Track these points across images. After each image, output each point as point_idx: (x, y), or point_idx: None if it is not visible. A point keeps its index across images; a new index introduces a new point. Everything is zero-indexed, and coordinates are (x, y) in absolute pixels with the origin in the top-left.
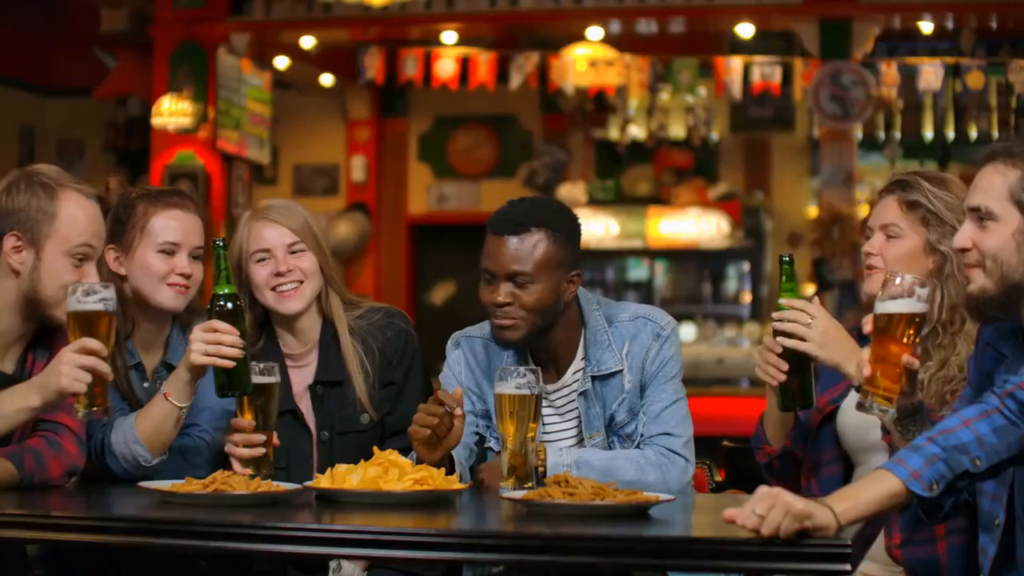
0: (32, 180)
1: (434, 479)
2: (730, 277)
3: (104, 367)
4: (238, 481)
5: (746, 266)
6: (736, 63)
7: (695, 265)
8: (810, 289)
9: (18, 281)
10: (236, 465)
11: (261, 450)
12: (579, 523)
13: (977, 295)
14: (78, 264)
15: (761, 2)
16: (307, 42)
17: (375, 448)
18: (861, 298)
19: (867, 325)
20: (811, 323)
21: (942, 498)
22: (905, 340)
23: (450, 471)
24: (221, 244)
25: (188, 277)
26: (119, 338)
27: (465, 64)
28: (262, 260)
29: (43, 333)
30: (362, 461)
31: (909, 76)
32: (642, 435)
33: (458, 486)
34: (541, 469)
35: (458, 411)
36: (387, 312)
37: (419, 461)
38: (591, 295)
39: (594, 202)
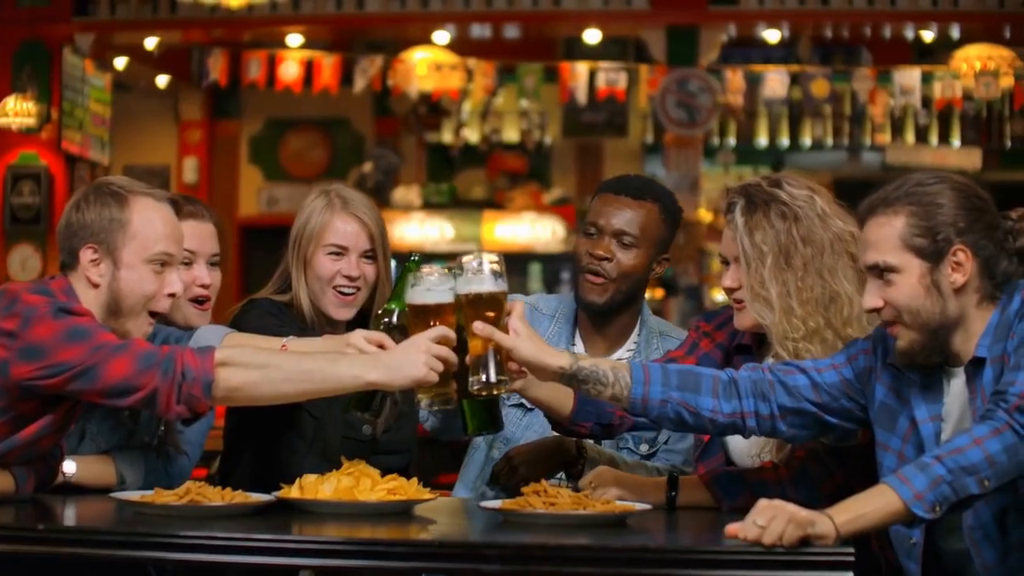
0: (101, 191)
1: (406, 489)
2: (565, 281)
3: (455, 359)
4: (212, 492)
5: None
6: (582, 68)
7: (531, 269)
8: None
9: (97, 294)
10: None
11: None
12: (560, 533)
13: (907, 349)
14: (159, 271)
15: (608, 8)
16: (150, 43)
17: (343, 458)
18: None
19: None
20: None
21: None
22: None
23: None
24: (417, 260)
25: (207, 287)
26: None
27: (309, 67)
28: (334, 254)
29: None
30: (333, 471)
31: (753, 83)
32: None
33: (430, 496)
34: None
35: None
36: None
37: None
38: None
39: (428, 206)
